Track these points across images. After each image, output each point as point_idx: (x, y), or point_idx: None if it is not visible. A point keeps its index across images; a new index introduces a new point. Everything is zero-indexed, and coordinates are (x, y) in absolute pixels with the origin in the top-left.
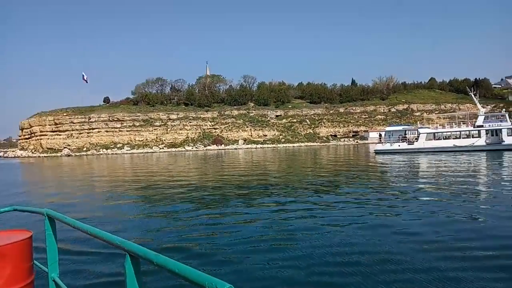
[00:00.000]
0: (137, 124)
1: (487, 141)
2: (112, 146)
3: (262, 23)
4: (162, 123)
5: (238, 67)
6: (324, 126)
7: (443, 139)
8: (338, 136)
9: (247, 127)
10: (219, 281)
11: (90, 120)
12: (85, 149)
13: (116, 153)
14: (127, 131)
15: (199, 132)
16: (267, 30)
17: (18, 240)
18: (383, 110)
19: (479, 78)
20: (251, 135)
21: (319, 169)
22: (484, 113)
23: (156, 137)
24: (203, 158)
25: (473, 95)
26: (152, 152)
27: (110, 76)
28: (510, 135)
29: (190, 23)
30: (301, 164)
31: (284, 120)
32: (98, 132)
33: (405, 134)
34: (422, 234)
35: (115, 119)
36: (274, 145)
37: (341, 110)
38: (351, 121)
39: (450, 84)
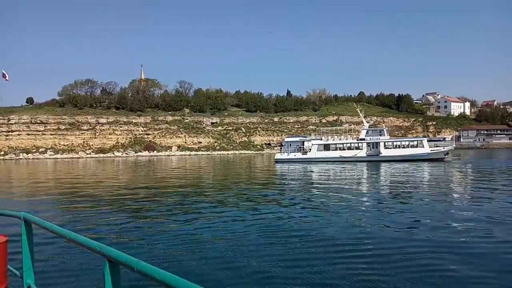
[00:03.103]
0: (63, 127)
1: (367, 152)
2: (33, 150)
3: (200, 29)
4: (90, 127)
5: (174, 72)
6: (259, 135)
7: (332, 150)
8: (272, 144)
9: (181, 133)
10: None
11: (9, 122)
12: (2, 153)
13: (37, 158)
14: (51, 134)
15: (130, 138)
16: (205, 36)
17: None
18: (315, 120)
19: (402, 94)
20: (186, 142)
21: (227, 176)
22: (368, 127)
23: (83, 142)
24: (131, 165)
25: (359, 111)
26: (78, 158)
27: (35, 75)
28: (386, 148)
29: (125, 25)
30: (218, 172)
31: (219, 128)
32: (19, 135)
33: (303, 144)
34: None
35: (38, 121)
36: (208, 153)
37: (276, 119)
38: (285, 130)
39: (377, 98)
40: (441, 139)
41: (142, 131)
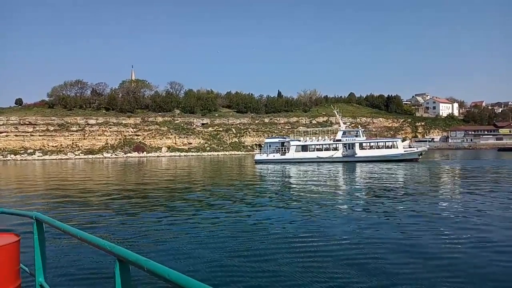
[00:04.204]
0: (52, 128)
1: (343, 153)
2: (21, 152)
3: (193, 31)
4: (80, 128)
5: (165, 73)
6: (249, 136)
7: (310, 151)
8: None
9: (171, 134)
10: None
11: None
12: None
13: (26, 159)
14: (40, 135)
15: (120, 139)
16: (196, 37)
17: (5, 244)
18: (305, 121)
19: (391, 95)
20: (176, 143)
21: (209, 176)
22: (345, 128)
23: (72, 143)
24: (121, 166)
25: (336, 112)
26: (67, 159)
27: (24, 76)
28: (361, 149)
29: (115, 25)
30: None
31: (210, 129)
32: (7, 136)
33: (282, 145)
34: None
35: (27, 122)
36: (198, 153)
37: (266, 120)
38: (275, 131)
39: (367, 99)
40: (430, 139)
41: (132, 132)
